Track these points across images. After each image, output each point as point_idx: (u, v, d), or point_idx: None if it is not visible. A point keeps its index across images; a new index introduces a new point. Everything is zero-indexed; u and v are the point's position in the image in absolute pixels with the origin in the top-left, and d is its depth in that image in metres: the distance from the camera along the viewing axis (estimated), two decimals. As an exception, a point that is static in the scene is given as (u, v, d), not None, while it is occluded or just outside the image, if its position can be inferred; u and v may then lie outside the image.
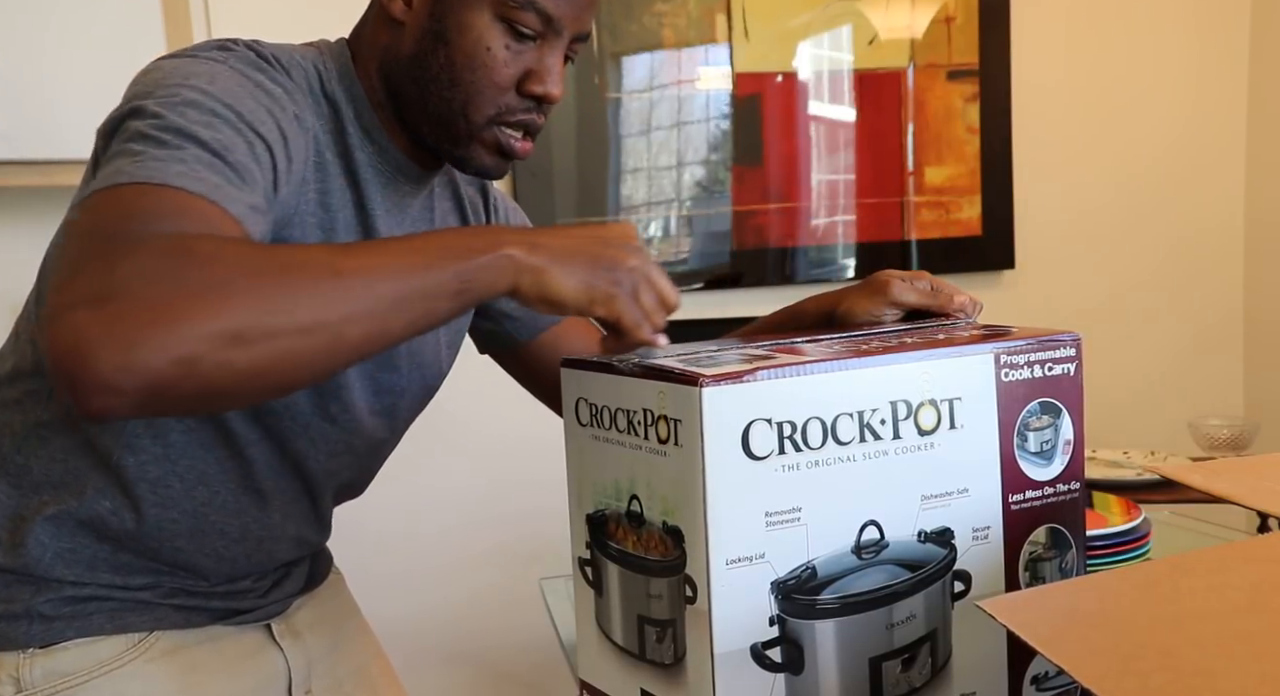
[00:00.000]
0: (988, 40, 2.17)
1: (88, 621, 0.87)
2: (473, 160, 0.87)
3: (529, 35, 0.83)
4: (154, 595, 0.89)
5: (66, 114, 1.52)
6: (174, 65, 0.76)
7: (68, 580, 0.86)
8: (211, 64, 0.77)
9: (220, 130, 0.71)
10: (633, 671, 0.79)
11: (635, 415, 0.74)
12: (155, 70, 0.77)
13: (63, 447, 0.86)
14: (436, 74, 0.84)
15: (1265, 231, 2.35)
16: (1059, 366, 0.81)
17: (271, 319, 0.60)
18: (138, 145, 0.67)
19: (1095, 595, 0.66)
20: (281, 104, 0.79)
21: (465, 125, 0.85)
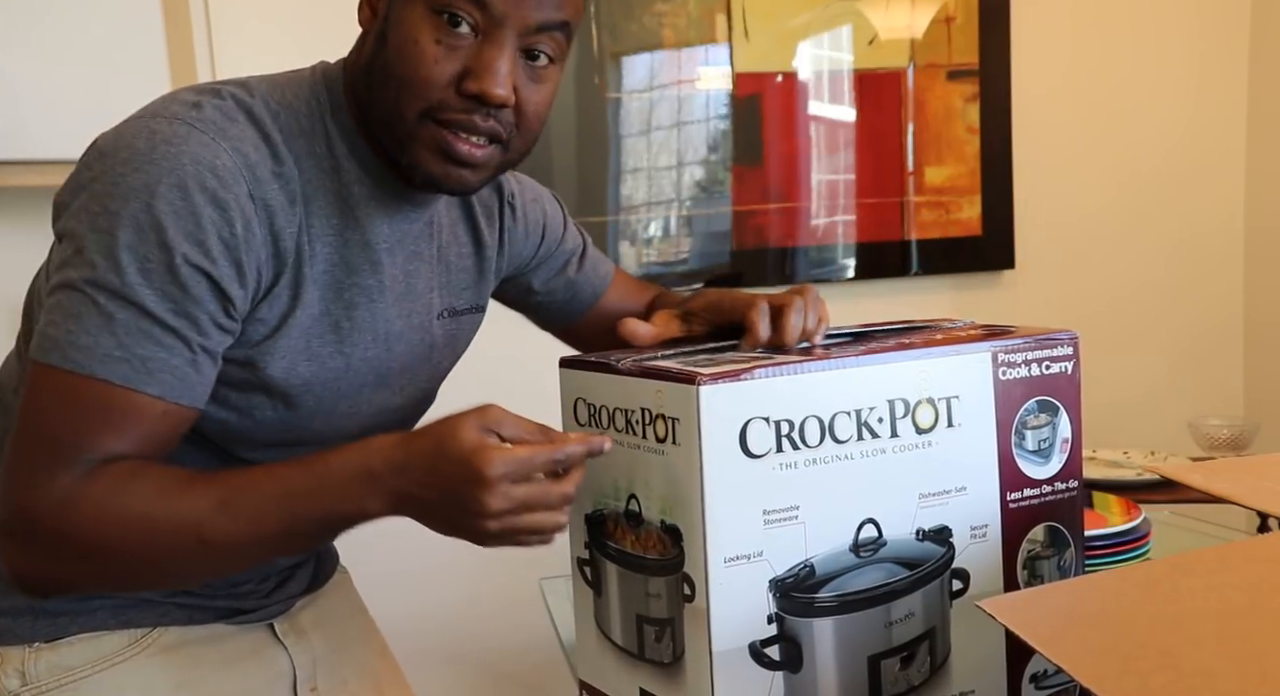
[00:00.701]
0: (988, 40, 2.17)
1: (91, 617, 0.87)
2: (419, 166, 0.81)
3: (467, 29, 0.77)
4: (157, 594, 0.89)
5: (66, 114, 1.52)
6: (126, 162, 0.75)
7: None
8: (165, 153, 0.75)
9: (153, 280, 0.74)
10: (632, 670, 0.79)
11: (633, 414, 0.74)
12: (106, 164, 0.75)
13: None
14: (376, 73, 0.80)
15: (1266, 231, 2.35)
16: (1056, 365, 0.81)
17: (144, 577, 0.80)
18: (77, 303, 0.74)
19: (1095, 595, 0.66)
20: (231, 191, 0.76)
21: (400, 124, 0.80)
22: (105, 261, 0.73)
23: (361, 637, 1.07)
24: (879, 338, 0.85)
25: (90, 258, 0.74)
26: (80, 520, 0.73)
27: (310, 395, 0.85)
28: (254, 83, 0.84)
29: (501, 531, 0.73)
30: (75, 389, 0.74)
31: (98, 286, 0.73)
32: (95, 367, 0.73)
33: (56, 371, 0.74)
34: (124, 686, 0.87)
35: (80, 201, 0.75)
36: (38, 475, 0.74)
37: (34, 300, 0.86)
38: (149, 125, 0.77)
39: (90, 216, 0.74)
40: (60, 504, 0.73)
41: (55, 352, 0.74)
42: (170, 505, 0.74)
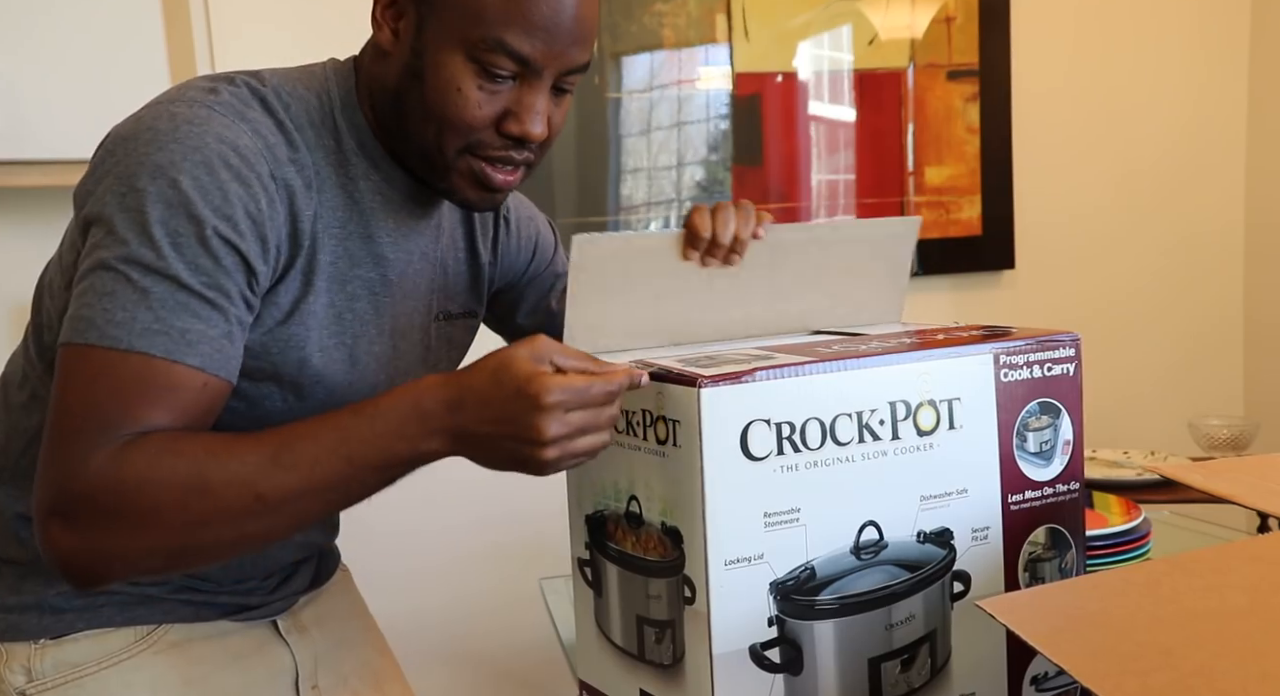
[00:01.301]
0: (988, 40, 2.17)
1: (97, 613, 0.88)
2: (455, 192, 0.86)
3: (504, 76, 0.81)
4: (163, 590, 0.90)
5: (66, 114, 1.52)
6: (150, 142, 0.76)
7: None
8: (187, 132, 0.76)
9: (185, 251, 0.74)
10: (632, 671, 0.79)
11: (634, 415, 0.74)
12: (129, 146, 0.76)
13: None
14: (413, 108, 0.83)
15: (1266, 231, 2.35)
16: (1058, 366, 0.81)
17: (199, 543, 0.74)
18: (109, 281, 0.73)
19: (1095, 595, 0.66)
20: (254, 168, 0.78)
21: (439, 156, 0.84)
22: (137, 238, 0.73)
23: (362, 635, 1.07)
24: (880, 339, 0.85)
25: (121, 235, 0.74)
26: (128, 486, 0.71)
27: (321, 386, 0.86)
28: (265, 74, 0.85)
29: (559, 457, 0.71)
30: (114, 365, 0.72)
31: (131, 263, 0.73)
32: (135, 342, 0.72)
33: (93, 350, 0.72)
34: (131, 683, 0.87)
35: (105, 185, 0.75)
36: (80, 451, 0.72)
37: (44, 293, 0.86)
38: (169, 109, 0.78)
39: (117, 197, 0.74)
40: (106, 473, 0.71)
41: (91, 331, 0.73)
42: (222, 462, 0.72)
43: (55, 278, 0.84)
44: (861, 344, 0.80)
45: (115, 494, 0.71)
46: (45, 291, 0.86)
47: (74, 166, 1.55)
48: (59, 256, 0.84)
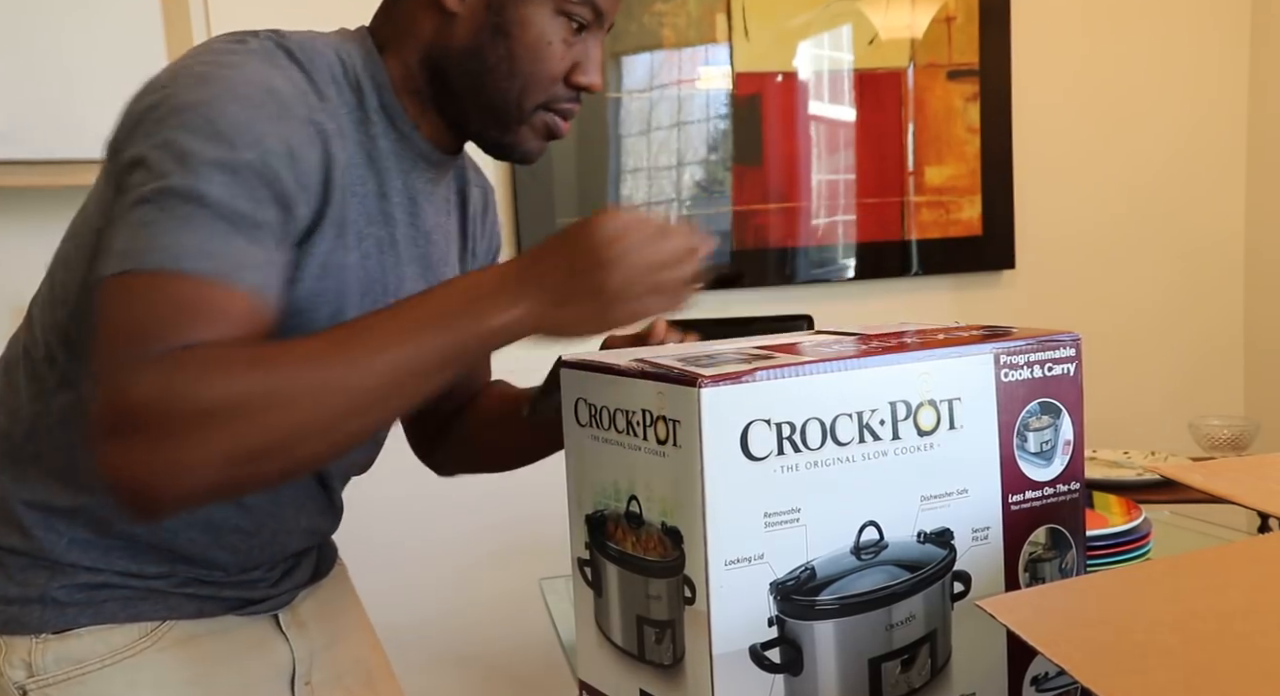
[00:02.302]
0: (988, 40, 2.17)
1: (101, 608, 0.87)
2: (520, 145, 0.89)
3: (582, 27, 0.86)
4: (168, 584, 0.89)
5: (67, 114, 1.52)
6: (186, 85, 0.76)
7: (83, 566, 0.86)
8: (223, 74, 0.76)
9: (228, 180, 0.72)
10: (632, 672, 0.79)
11: (634, 415, 0.74)
12: (165, 91, 0.76)
13: (69, 441, 0.85)
14: (495, 65, 0.85)
15: (1267, 231, 2.35)
16: (1059, 366, 0.81)
17: (264, 442, 0.68)
18: (149, 212, 0.71)
19: (1095, 595, 0.66)
20: (292, 110, 0.78)
21: (517, 113, 0.87)
22: (176, 169, 0.72)
23: (356, 632, 1.07)
24: (880, 338, 0.85)
25: (159, 170, 0.72)
26: (179, 390, 0.67)
27: None
28: (284, 31, 0.86)
29: (642, 293, 0.74)
30: (162, 286, 0.70)
31: (171, 193, 0.71)
32: (183, 263, 0.70)
33: (138, 275, 0.70)
34: (135, 681, 0.87)
35: (142, 129, 0.75)
36: (128, 368, 0.68)
37: (57, 267, 0.85)
38: (201, 58, 0.78)
39: (154, 137, 0.74)
40: (156, 382, 0.67)
41: (132, 258, 0.70)
42: (281, 353, 0.70)
43: (75, 249, 0.83)
44: (862, 343, 0.80)
45: (166, 400, 0.67)
46: (60, 266, 0.85)
47: (74, 166, 1.56)
48: (83, 222, 0.83)
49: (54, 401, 0.85)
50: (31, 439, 0.86)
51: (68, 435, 0.85)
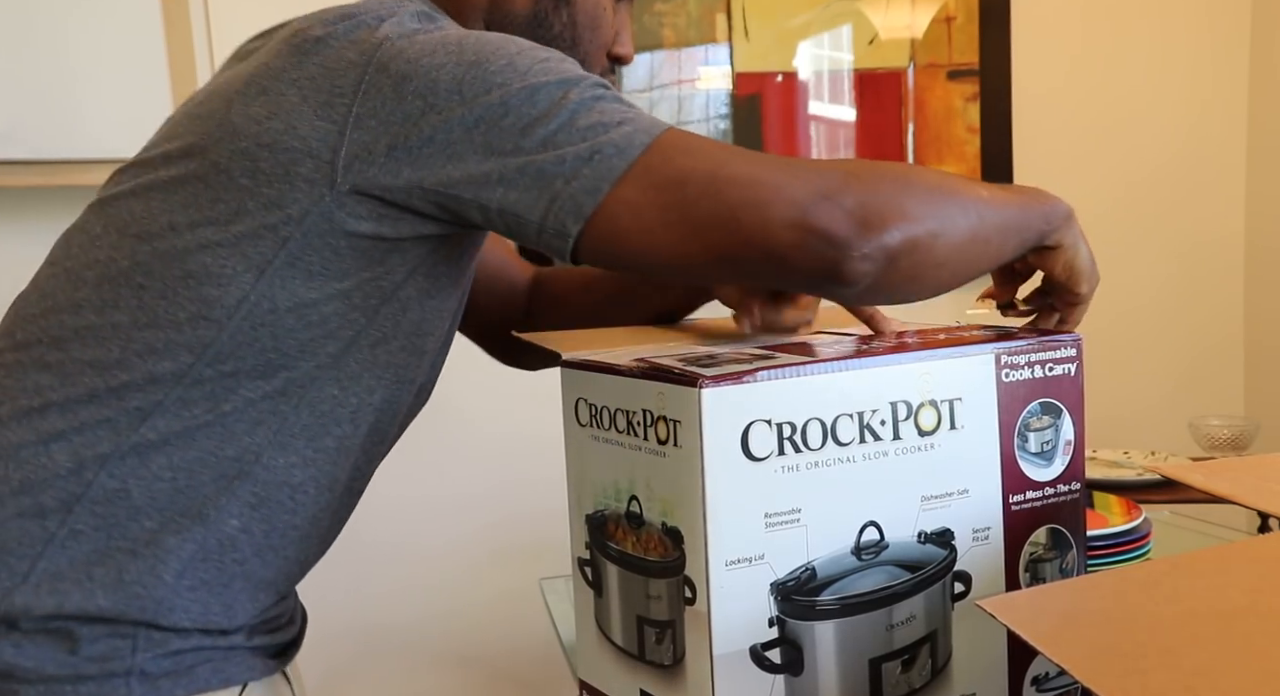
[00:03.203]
0: (988, 40, 2.17)
1: (193, 675, 0.78)
2: None
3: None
4: (244, 639, 0.82)
5: (67, 114, 1.52)
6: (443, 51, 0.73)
7: (178, 627, 0.77)
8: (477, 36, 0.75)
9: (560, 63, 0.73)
10: (632, 672, 0.79)
11: (635, 415, 0.74)
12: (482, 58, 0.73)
13: (170, 465, 0.76)
14: (559, 33, 0.84)
15: (1267, 231, 2.35)
16: (1060, 367, 0.81)
17: (950, 226, 0.71)
18: (591, 118, 0.71)
19: (1095, 595, 0.66)
20: None
21: None
22: (527, 92, 0.71)
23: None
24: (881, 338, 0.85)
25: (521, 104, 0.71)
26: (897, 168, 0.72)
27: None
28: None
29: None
30: (682, 139, 0.71)
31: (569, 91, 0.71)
32: (658, 125, 0.71)
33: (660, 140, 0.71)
34: None
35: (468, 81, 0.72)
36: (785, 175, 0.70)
37: (143, 249, 0.77)
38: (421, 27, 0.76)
39: (498, 68, 0.72)
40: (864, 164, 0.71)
41: (639, 134, 0.70)
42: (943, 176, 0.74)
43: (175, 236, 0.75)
44: (863, 343, 0.80)
45: (870, 170, 0.71)
46: (144, 245, 0.76)
47: (74, 166, 1.56)
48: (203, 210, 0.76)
49: (146, 432, 0.76)
50: (112, 474, 0.76)
51: (162, 464, 0.77)
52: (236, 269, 0.75)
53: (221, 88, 0.80)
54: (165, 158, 0.79)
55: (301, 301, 0.76)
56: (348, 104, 0.73)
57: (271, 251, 0.75)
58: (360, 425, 0.83)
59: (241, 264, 0.75)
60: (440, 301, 0.84)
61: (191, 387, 0.76)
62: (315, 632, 1.01)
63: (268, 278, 0.75)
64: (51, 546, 0.75)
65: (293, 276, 0.75)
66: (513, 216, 0.72)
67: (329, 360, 0.79)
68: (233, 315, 0.75)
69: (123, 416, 0.76)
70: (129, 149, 0.85)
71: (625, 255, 0.73)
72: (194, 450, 0.77)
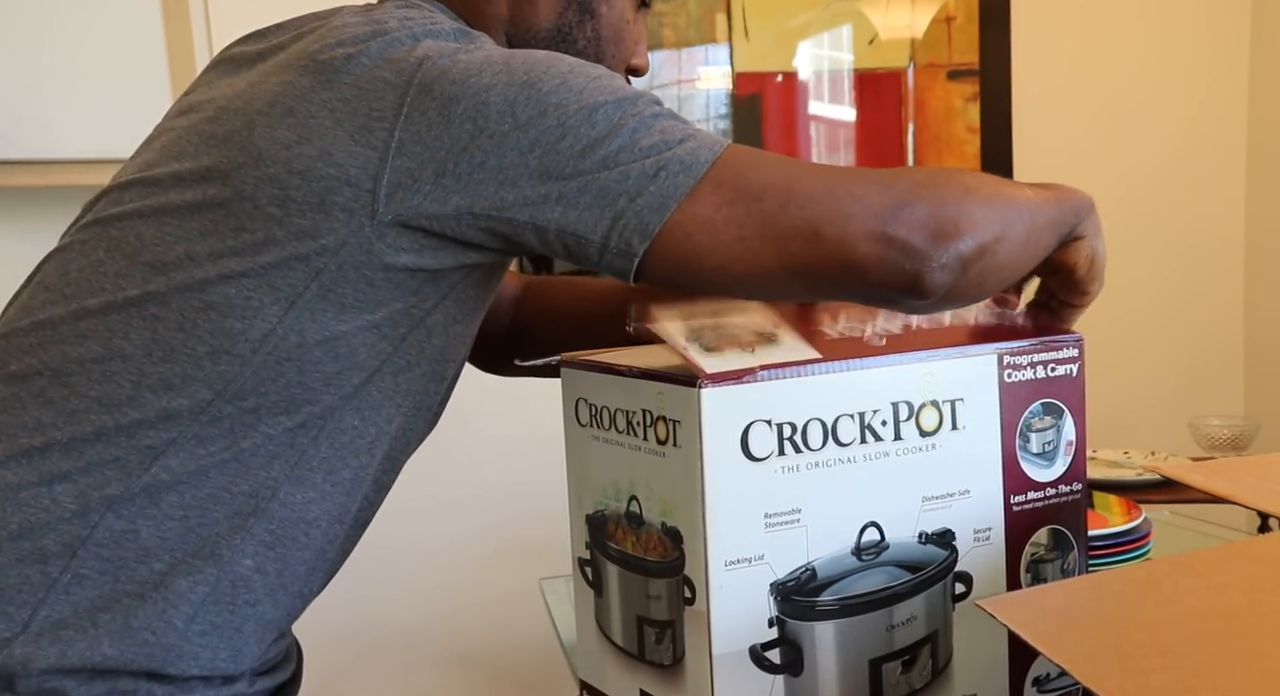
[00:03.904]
0: (988, 40, 2.17)
1: None
2: None
3: (644, 3, 0.84)
4: (246, 684, 0.78)
5: (66, 114, 1.52)
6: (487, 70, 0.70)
7: (184, 675, 0.73)
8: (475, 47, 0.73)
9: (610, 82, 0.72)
10: (632, 672, 0.79)
11: (634, 416, 0.74)
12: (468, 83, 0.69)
13: (182, 503, 0.72)
14: (583, 48, 0.82)
15: (1267, 231, 2.35)
16: (1061, 367, 0.81)
17: (1010, 230, 0.71)
18: (653, 136, 0.69)
19: (1095, 595, 0.66)
20: None
21: None
22: (585, 113, 0.69)
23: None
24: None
25: (608, 107, 0.69)
26: (965, 175, 0.72)
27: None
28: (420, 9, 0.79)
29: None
30: (737, 155, 0.70)
31: (649, 118, 0.70)
32: (719, 143, 0.70)
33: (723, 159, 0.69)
34: None
35: (520, 102, 0.69)
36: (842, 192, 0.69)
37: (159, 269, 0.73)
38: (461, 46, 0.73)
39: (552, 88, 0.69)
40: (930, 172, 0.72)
41: (703, 150, 0.69)
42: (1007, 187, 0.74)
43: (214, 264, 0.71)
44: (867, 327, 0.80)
45: (951, 182, 0.71)
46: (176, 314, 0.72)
47: (74, 166, 1.56)
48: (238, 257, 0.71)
49: (158, 472, 0.72)
50: (120, 516, 0.72)
51: (174, 503, 0.73)
52: (263, 301, 0.71)
53: (238, 106, 0.74)
54: (176, 179, 0.74)
55: (331, 334, 0.72)
56: (389, 128, 0.69)
57: (302, 284, 0.71)
58: (375, 455, 0.80)
59: (269, 296, 0.71)
60: (465, 327, 0.81)
61: (209, 425, 0.72)
62: (316, 633, 1.01)
63: (297, 310, 0.71)
64: (54, 593, 0.70)
65: (324, 309, 0.72)
66: (572, 236, 0.70)
67: (351, 391, 0.75)
68: (257, 350, 0.72)
69: (133, 455, 0.72)
70: (128, 149, 0.84)
71: (696, 272, 0.71)
72: (208, 487, 0.73)
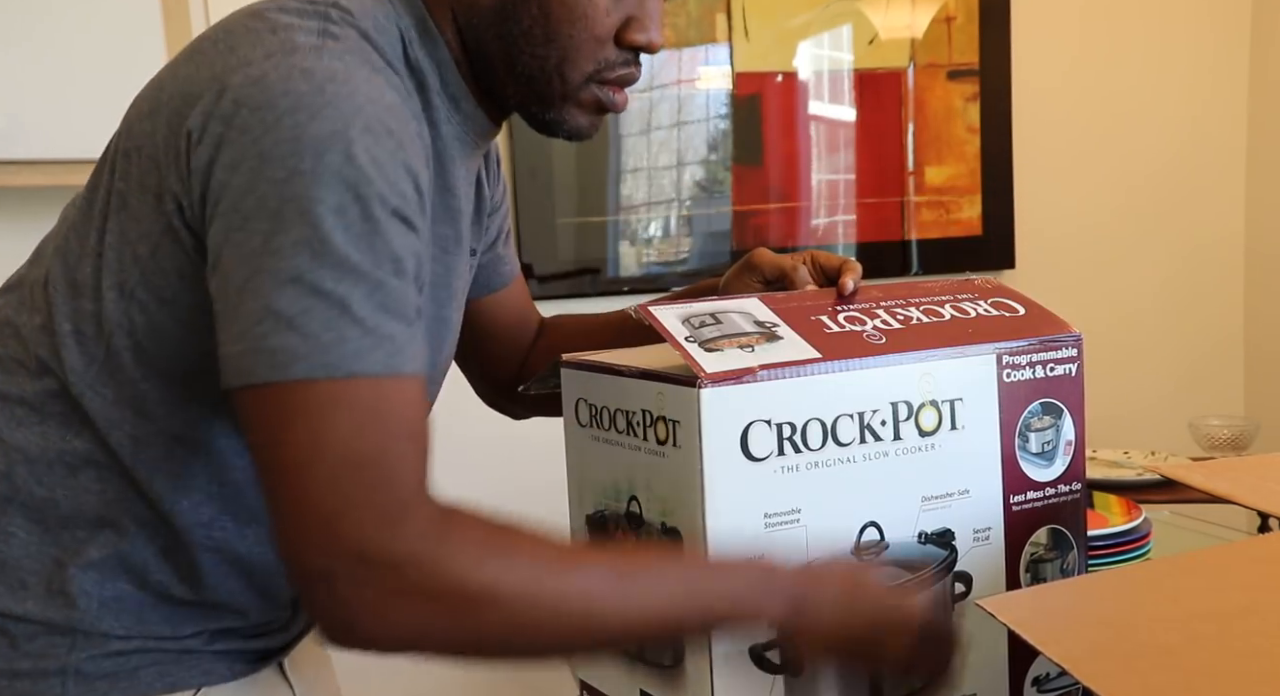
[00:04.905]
0: (988, 40, 2.17)
1: (134, 678, 0.74)
2: (566, 122, 0.77)
3: None
4: (200, 642, 0.78)
5: (66, 114, 1.52)
6: (291, 114, 0.62)
7: (115, 633, 0.74)
8: (335, 91, 0.64)
9: (370, 240, 0.62)
10: (632, 672, 0.79)
11: (634, 416, 0.74)
12: (264, 118, 0.63)
13: (97, 477, 0.73)
14: (528, 28, 0.73)
15: (1267, 231, 2.35)
16: (1060, 367, 0.81)
17: (511, 645, 0.66)
18: (293, 298, 0.61)
19: (1095, 595, 0.66)
20: (409, 128, 0.67)
21: (560, 86, 0.75)
22: (313, 234, 0.61)
23: (328, 668, 0.99)
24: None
25: (291, 234, 0.61)
26: (450, 576, 0.62)
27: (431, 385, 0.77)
28: (351, 17, 0.71)
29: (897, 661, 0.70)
30: (340, 396, 0.61)
31: (315, 268, 0.60)
32: (354, 365, 0.61)
33: (311, 385, 0.61)
34: None
35: (246, 166, 0.62)
36: (359, 509, 0.61)
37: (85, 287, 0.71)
38: (295, 64, 0.64)
39: (270, 183, 0.61)
40: (423, 552, 0.62)
41: (299, 364, 0.60)
42: (564, 575, 0.64)
43: (122, 268, 0.70)
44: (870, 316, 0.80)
45: (432, 577, 0.62)
46: (97, 288, 0.71)
47: (74, 166, 1.55)
48: (120, 237, 0.70)
49: (73, 440, 0.73)
50: (41, 482, 0.73)
51: (90, 477, 0.73)
52: (104, 284, 0.70)
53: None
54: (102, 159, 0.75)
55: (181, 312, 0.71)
56: (187, 114, 0.66)
57: (131, 266, 0.70)
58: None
59: (109, 280, 0.70)
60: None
61: (75, 409, 0.73)
62: (315, 633, 1.01)
63: (127, 296, 0.70)
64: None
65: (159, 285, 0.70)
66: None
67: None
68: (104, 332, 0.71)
69: (50, 421, 0.73)
70: (129, 149, 0.84)
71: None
72: (118, 468, 0.73)
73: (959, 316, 0.81)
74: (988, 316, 0.82)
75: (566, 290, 1.97)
